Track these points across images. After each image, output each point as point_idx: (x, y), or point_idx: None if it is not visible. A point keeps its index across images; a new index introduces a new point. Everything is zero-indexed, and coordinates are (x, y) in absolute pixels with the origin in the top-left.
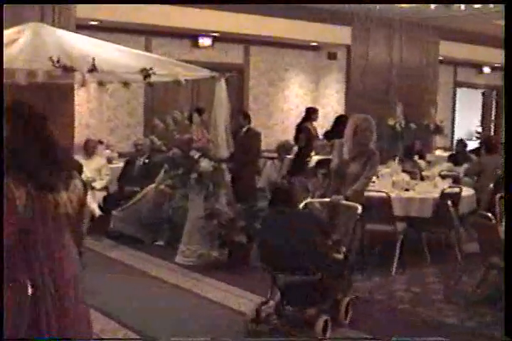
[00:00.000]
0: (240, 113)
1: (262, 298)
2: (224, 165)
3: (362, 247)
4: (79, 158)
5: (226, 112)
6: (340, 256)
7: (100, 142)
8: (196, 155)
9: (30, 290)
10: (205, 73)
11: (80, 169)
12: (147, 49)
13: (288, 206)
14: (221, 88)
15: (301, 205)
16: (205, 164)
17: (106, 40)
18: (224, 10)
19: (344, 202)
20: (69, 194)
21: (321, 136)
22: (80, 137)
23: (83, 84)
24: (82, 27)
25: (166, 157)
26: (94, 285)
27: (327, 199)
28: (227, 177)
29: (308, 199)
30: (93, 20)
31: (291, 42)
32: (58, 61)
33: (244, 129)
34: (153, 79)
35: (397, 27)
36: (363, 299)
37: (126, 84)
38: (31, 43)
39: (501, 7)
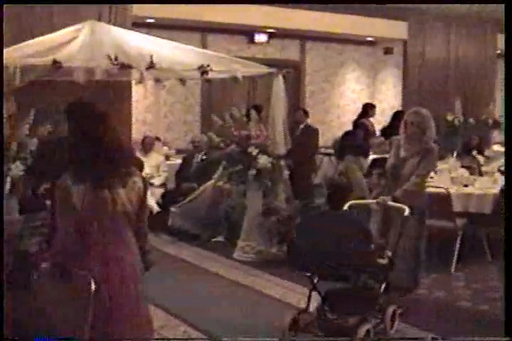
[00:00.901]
0: (298, 109)
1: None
2: (282, 162)
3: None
4: (137, 154)
5: (284, 109)
6: (384, 261)
7: (157, 139)
8: (254, 151)
9: (93, 287)
10: (263, 69)
11: (141, 167)
12: (203, 46)
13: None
14: (279, 84)
15: (346, 206)
16: (263, 161)
17: (162, 37)
18: (280, 6)
19: (391, 203)
20: (127, 191)
21: (378, 133)
22: (137, 134)
23: (141, 81)
24: (138, 25)
25: (224, 154)
26: (154, 281)
27: (374, 201)
28: (285, 173)
29: (353, 201)
30: (149, 18)
31: (348, 38)
32: (116, 59)
33: (302, 126)
34: (210, 75)
35: (454, 21)
36: (422, 296)
37: (182, 81)
38: (89, 42)
39: None
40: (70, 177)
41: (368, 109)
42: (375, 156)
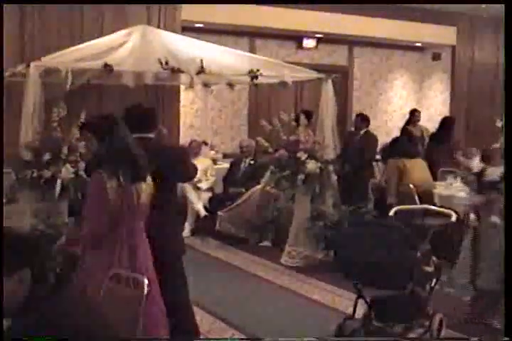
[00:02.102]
0: (358, 115)
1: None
2: (331, 167)
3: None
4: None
5: (333, 114)
6: (430, 269)
7: (205, 143)
8: (303, 156)
9: (146, 289)
10: (312, 74)
11: (196, 171)
12: (251, 50)
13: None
14: (328, 89)
15: (392, 212)
16: (311, 165)
17: (210, 41)
18: (328, 11)
19: (434, 207)
20: (146, 185)
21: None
22: (184, 137)
23: (191, 86)
24: (187, 29)
25: (272, 158)
26: (201, 285)
27: (421, 206)
28: (334, 178)
29: (399, 206)
30: (198, 23)
31: (396, 43)
32: (167, 63)
33: (362, 132)
34: (259, 80)
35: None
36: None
37: (231, 85)
38: (140, 46)
39: None
40: (104, 172)
41: (411, 115)
42: None
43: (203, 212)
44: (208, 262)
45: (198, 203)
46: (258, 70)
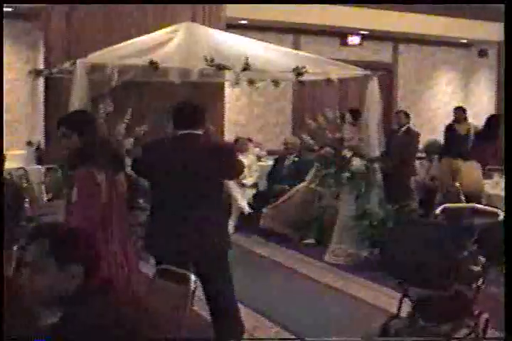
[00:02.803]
0: (399, 112)
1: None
2: (376, 165)
3: None
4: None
5: (378, 111)
6: (477, 268)
7: (250, 140)
8: (348, 154)
9: (193, 285)
10: (358, 72)
11: (243, 168)
12: (295, 47)
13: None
14: (373, 87)
15: (438, 210)
16: (357, 163)
17: (254, 38)
18: (373, 8)
19: (481, 206)
20: (122, 175)
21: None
22: (229, 134)
23: (237, 82)
24: (231, 26)
25: (317, 156)
26: (245, 282)
27: (466, 205)
28: (379, 176)
29: (445, 205)
30: (242, 20)
31: (441, 40)
32: (212, 60)
33: (403, 129)
34: (305, 77)
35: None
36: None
37: (276, 82)
38: (185, 43)
39: None
40: (93, 167)
41: (456, 113)
42: None
43: (247, 209)
44: (252, 259)
45: (242, 200)
46: (303, 67)
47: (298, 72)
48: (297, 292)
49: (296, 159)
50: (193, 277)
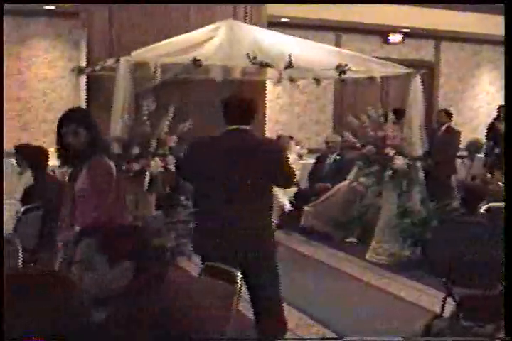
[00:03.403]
0: (441, 110)
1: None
2: (418, 163)
3: None
4: None
5: (421, 110)
6: None
7: (291, 138)
8: (391, 152)
9: (239, 283)
10: (401, 70)
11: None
12: (337, 45)
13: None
14: (416, 85)
15: (483, 209)
16: (399, 161)
17: (296, 36)
18: (415, 5)
19: None
20: None
21: None
22: (270, 133)
23: (279, 80)
24: (273, 24)
25: (359, 154)
26: (287, 280)
27: None
28: (421, 175)
29: (490, 204)
30: (284, 17)
31: (484, 38)
32: (255, 58)
33: (444, 127)
34: (347, 75)
35: None
36: None
37: (318, 80)
38: (228, 40)
39: None
40: (108, 158)
41: (500, 111)
42: None
43: (288, 207)
44: (293, 257)
45: (284, 198)
46: (346, 65)
47: (341, 70)
48: (338, 290)
49: (338, 157)
50: (239, 274)
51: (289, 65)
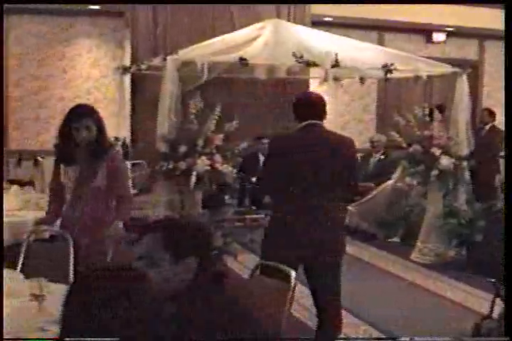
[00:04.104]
0: (484, 110)
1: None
2: (464, 163)
3: None
4: None
5: (467, 109)
6: None
7: None
8: (437, 152)
9: (293, 282)
10: (446, 69)
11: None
12: (380, 44)
13: None
14: (462, 84)
15: None
16: (445, 161)
17: (339, 35)
18: (459, 4)
19: None
20: None
21: None
22: None
23: (325, 79)
24: (316, 23)
25: (405, 153)
26: None
27: None
28: (467, 175)
29: None
30: (327, 17)
31: None
32: (301, 57)
33: (487, 126)
34: (393, 74)
35: None
36: None
37: (362, 79)
38: (273, 39)
39: None
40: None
41: None
42: None
43: None
44: None
45: None
46: (392, 64)
47: (387, 69)
48: (384, 290)
49: (383, 157)
50: (293, 274)
51: (336, 64)
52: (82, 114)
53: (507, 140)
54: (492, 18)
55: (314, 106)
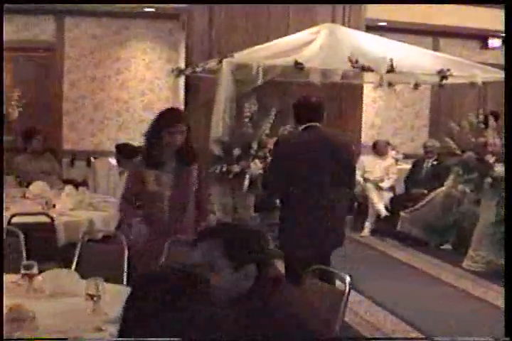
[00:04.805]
0: None
1: None
2: None
3: None
4: (368, 157)
5: None
6: None
7: (388, 143)
8: (491, 159)
9: (348, 286)
10: (502, 75)
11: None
12: (435, 50)
13: None
14: None
15: None
16: (500, 169)
17: (394, 40)
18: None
19: None
20: None
21: None
22: (365, 136)
23: (380, 84)
24: (371, 28)
25: (459, 160)
26: (381, 285)
27: None
28: None
29: None
30: (382, 21)
31: None
32: (357, 61)
33: None
34: (448, 80)
35: None
36: None
37: (416, 85)
38: (328, 44)
39: None
40: None
41: None
42: None
43: (383, 212)
44: (388, 263)
45: (379, 203)
46: (448, 70)
47: (442, 75)
48: (435, 297)
49: (435, 163)
50: (348, 278)
51: (391, 69)
52: (178, 119)
53: (507, 139)
54: None
55: (315, 109)
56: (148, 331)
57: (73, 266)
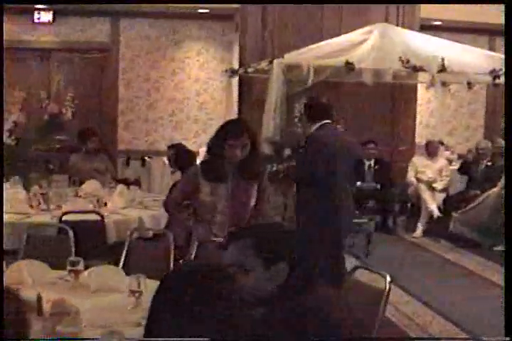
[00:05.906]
0: None
1: None
2: None
3: None
4: (421, 157)
5: None
6: None
7: (441, 143)
8: None
9: (387, 286)
10: None
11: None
12: (491, 49)
13: None
14: None
15: None
16: None
17: (449, 40)
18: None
19: None
20: None
21: None
22: (419, 136)
23: (432, 84)
24: (425, 27)
25: None
26: (431, 286)
27: None
28: None
29: None
30: (436, 20)
31: None
32: (408, 61)
33: None
34: (502, 80)
35: None
36: None
37: (469, 84)
38: (380, 44)
39: None
40: None
41: None
42: None
43: (436, 213)
44: (440, 264)
45: (432, 204)
46: (501, 70)
47: (495, 74)
48: (487, 300)
49: (489, 163)
50: (388, 277)
51: (443, 69)
52: (239, 131)
53: (507, 139)
54: None
55: (327, 108)
56: (174, 330)
57: (121, 263)
